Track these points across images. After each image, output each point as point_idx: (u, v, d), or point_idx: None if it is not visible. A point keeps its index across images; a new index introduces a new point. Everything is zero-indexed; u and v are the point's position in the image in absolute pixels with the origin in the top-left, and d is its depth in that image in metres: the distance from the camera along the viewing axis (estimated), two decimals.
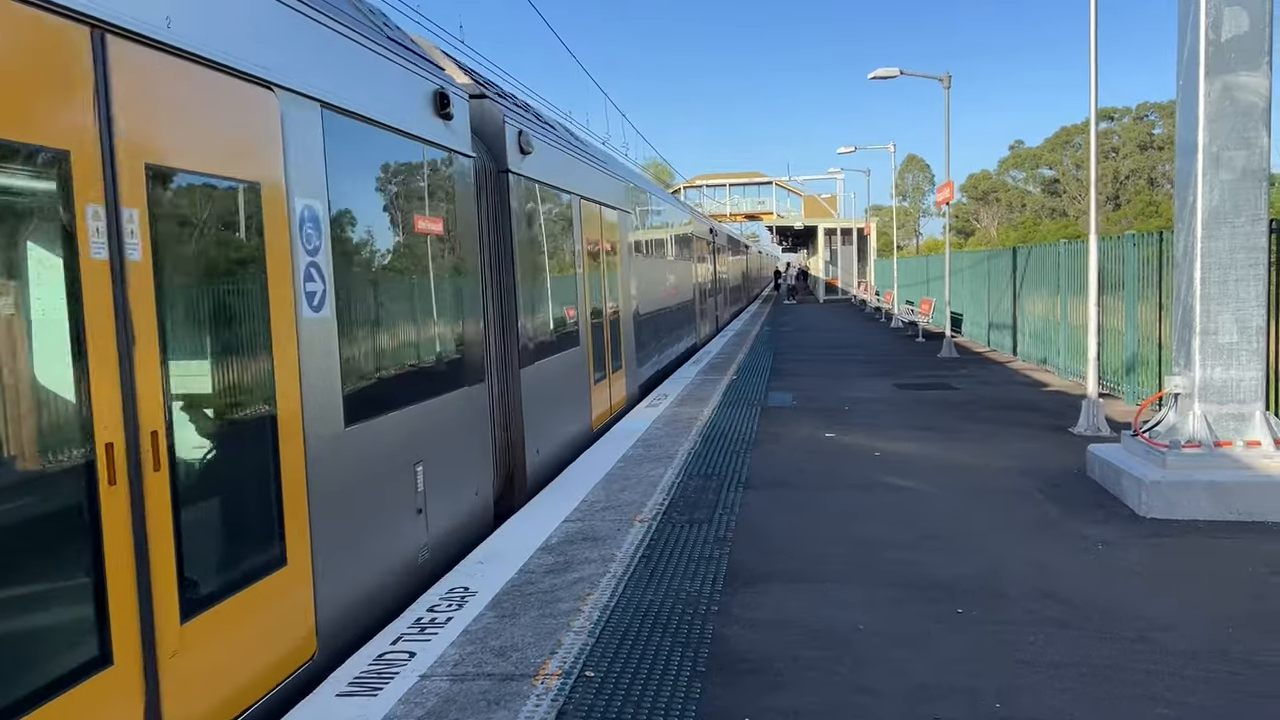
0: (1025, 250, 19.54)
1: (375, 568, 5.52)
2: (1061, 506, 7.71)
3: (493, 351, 7.97)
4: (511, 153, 8.42)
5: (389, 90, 5.94)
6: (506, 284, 8.34)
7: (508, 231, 8.32)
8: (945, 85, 21.57)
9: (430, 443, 6.33)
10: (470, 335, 7.16)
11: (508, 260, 8.33)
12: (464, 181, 7.15)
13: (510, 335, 8.38)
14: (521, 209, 8.65)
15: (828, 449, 10.38)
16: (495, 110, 8.41)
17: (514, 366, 8.41)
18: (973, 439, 10.79)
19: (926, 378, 16.69)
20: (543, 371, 9.17)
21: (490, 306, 7.97)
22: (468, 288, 7.17)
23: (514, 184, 8.45)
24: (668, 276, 19.03)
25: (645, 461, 9.70)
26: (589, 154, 12.51)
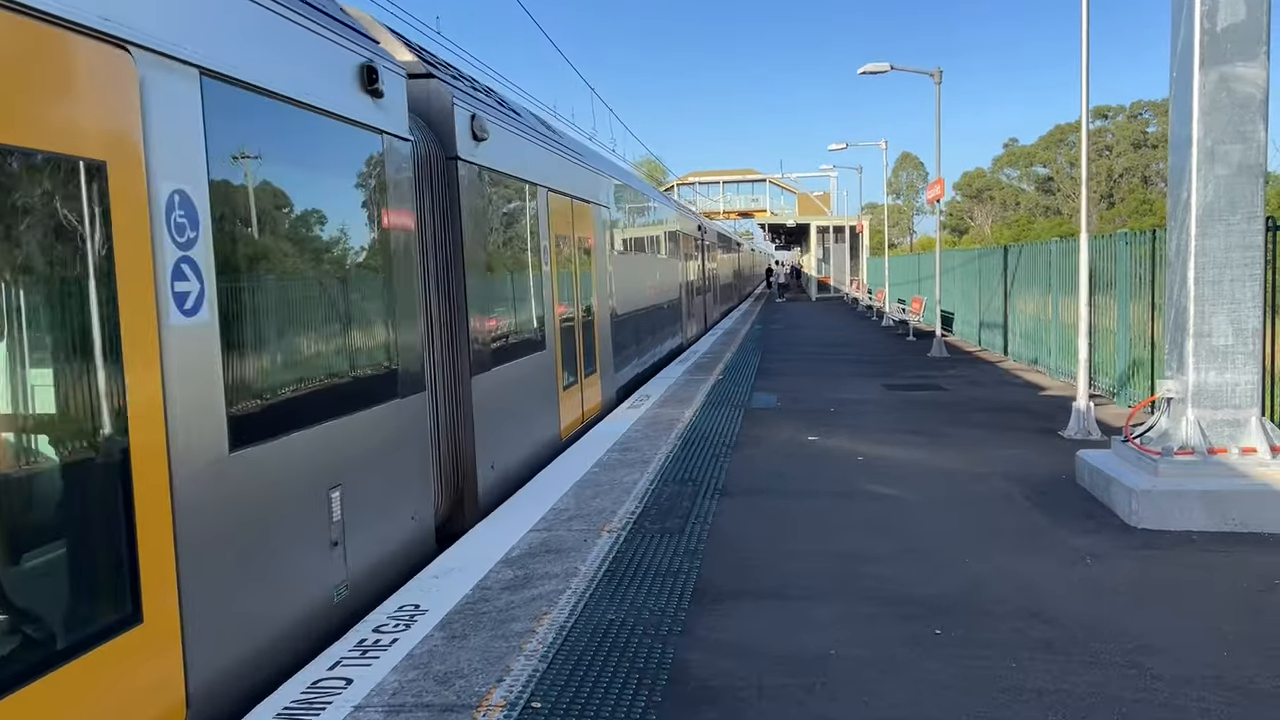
0: (1017, 249, 19.25)
1: (271, 615, 4.74)
2: (1049, 515, 7.40)
3: (436, 358, 7.31)
4: (462, 138, 7.71)
5: (298, 59, 5.15)
6: (455, 283, 7.62)
7: (457, 225, 7.59)
8: (936, 80, 21.26)
9: (351, 464, 5.58)
10: (405, 340, 6.40)
11: (456, 257, 7.62)
12: (398, 167, 6.39)
13: (459, 339, 7.67)
14: (474, 200, 7.92)
15: (809, 453, 10.06)
16: (443, 91, 7.67)
17: (464, 374, 7.70)
18: (960, 443, 10.47)
19: (915, 378, 16.38)
20: (500, 379, 8.47)
21: (434, 308, 7.30)
22: (401, 287, 6.38)
23: (464, 172, 7.73)
24: (651, 275, 18.49)
25: (621, 466, 9.37)
26: (561, 145, 11.85)
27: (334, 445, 5.40)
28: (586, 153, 14.05)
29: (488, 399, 8.06)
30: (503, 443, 8.50)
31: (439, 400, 7.34)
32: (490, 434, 8.13)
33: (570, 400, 11.17)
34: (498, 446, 8.34)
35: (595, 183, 13.28)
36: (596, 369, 12.67)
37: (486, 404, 8.02)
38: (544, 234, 10.16)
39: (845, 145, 34.29)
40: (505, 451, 8.58)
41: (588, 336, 12.20)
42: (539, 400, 9.89)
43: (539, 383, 9.88)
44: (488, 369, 8.12)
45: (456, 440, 7.68)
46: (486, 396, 8.03)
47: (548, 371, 10.21)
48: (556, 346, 10.48)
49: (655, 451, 10.09)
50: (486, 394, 8.04)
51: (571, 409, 11.21)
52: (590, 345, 12.32)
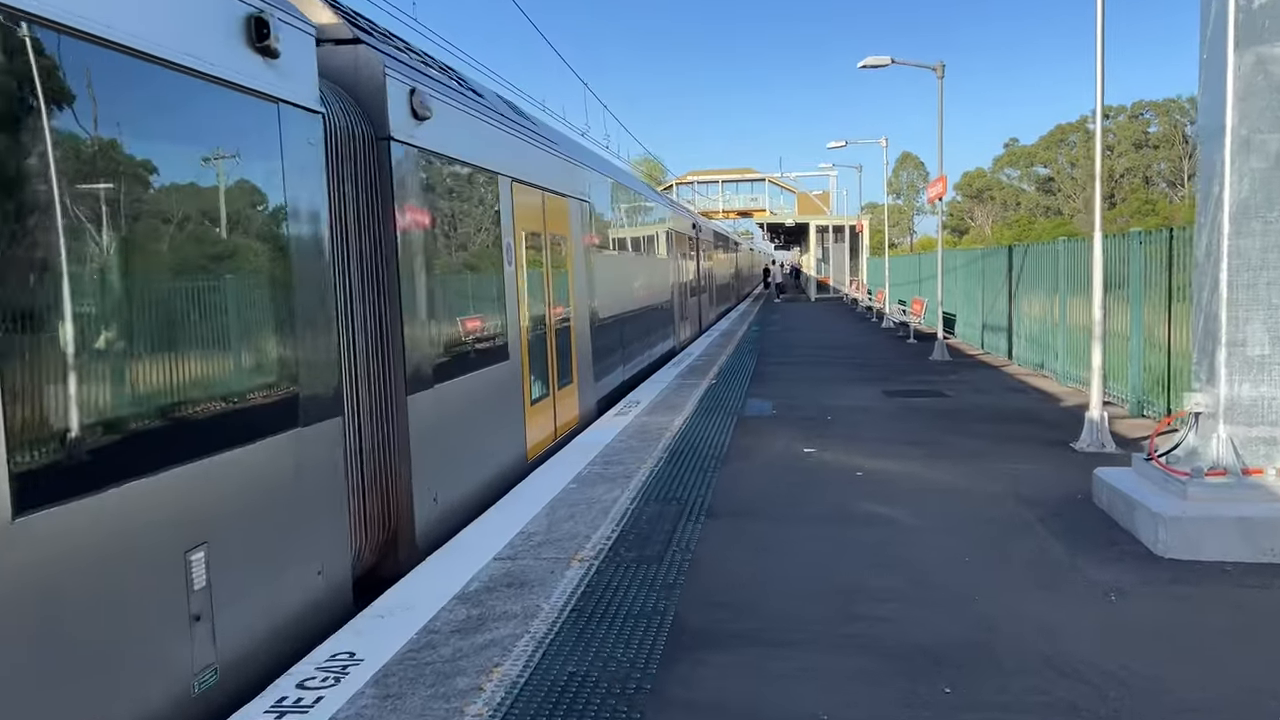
0: (1022, 248, 18.57)
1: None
2: (1066, 543, 6.72)
3: (360, 375, 6.27)
4: (397, 116, 6.65)
5: (145, 1, 4.11)
6: (386, 286, 6.55)
7: (390, 217, 6.53)
8: (939, 75, 20.57)
9: (223, 515, 4.52)
10: (310, 356, 5.29)
11: (389, 255, 6.55)
12: (301, 145, 5.29)
13: (392, 352, 6.61)
14: (412, 188, 6.86)
15: (804, 467, 9.37)
16: (373, 60, 6.57)
17: (397, 393, 6.64)
18: (965, 456, 9.79)
19: (916, 383, 15.70)
20: (447, 396, 7.39)
21: (356, 316, 6.23)
22: (303, 291, 5.23)
23: (400, 156, 6.66)
24: (640, 275, 17.58)
25: (601, 482, 8.69)
26: (533, 132, 10.82)
27: (194, 494, 4.30)
28: (564, 142, 13.01)
29: (429, 420, 7.02)
30: (450, 470, 7.46)
31: (363, 425, 6.29)
32: (433, 461, 7.07)
33: (540, 416, 10.19)
34: (443, 475, 7.29)
35: (573, 175, 12.25)
36: (573, 379, 11.69)
37: (428, 426, 6.98)
38: (508, 230, 9.16)
39: (845, 143, 33.58)
40: (453, 480, 7.52)
41: (563, 344, 11.21)
42: (500, 418, 8.85)
43: (500, 398, 8.84)
44: (429, 385, 7.07)
45: (388, 471, 6.59)
46: (428, 417, 6.99)
47: (511, 385, 9.20)
48: (523, 356, 9.49)
49: (639, 465, 9.41)
50: (428, 414, 6.99)
51: (541, 426, 10.22)
52: (565, 353, 11.34)
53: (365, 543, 6.27)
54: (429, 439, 7.00)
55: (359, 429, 6.23)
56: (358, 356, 6.25)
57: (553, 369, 10.58)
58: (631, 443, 10.58)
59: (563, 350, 11.17)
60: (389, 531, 6.62)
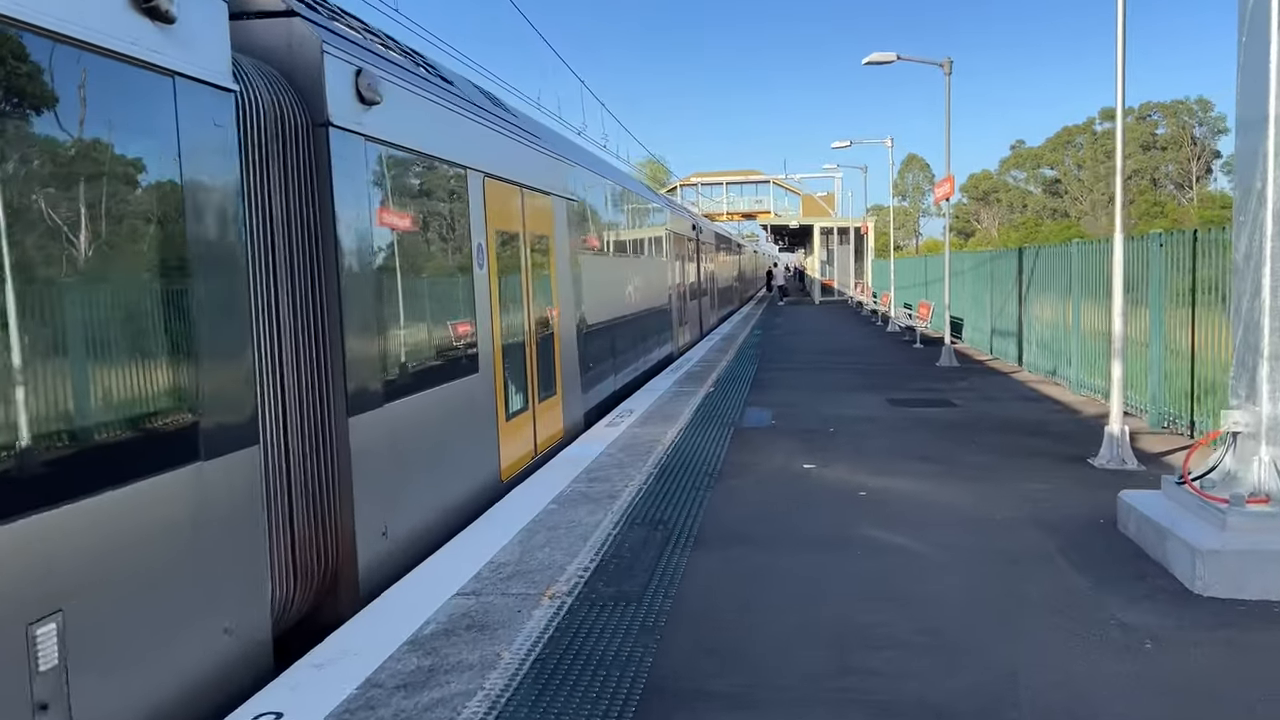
0: (1033, 250, 17.90)
1: None
2: (1090, 577, 6.07)
3: (286, 396, 5.44)
4: (338, 99, 5.84)
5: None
6: (323, 293, 5.72)
7: (328, 213, 5.73)
8: (946, 71, 19.92)
9: (84, 576, 3.68)
10: (213, 376, 4.47)
11: (327, 257, 5.73)
12: (201, 126, 4.46)
13: (329, 368, 5.76)
14: (357, 181, 6.07)
15: (802, 486, 8.73)
16: (309, 36, 5.77)
17: (336, 414, 5.80)
18: (976, 473, 9.14)
19: (923, 392, 15.04)
20: (402, 415, 6.61)
21: (283, 327, 5.40)
22: (203, 296, 4.41)
23: (341, 145, 5.86)
24: (635, 279, 16.83)
25: (583, 502, 8.06)
26: (511, 124, 10.03)
27: (43, 552, 3.49)
28: (550, 138, 12.17)
29: (378, 443, 6.22)
30: (406, 498, 6.65)
31: (291, 453, 5.47)
32: (382, 489, 6.27)
33: (517, 432, 9.38)
34: (396, 504, 6.48)
35: (559, 172, 11.44)
36: (557, 390, 10.93)
37: (376, 450, 6.19)
38: (478, 230, 8.37)
39: (849, 142, 32.91)
40: (410, 509, 6.72)
41: (544, 353, 10.44)
42: (469, 436, 7.99)
43: (469, 415, 7.97)
44: (377, 405, 6.25)
45: (324, 505, 5.75)
46: (376, 440, 6.19)
47: (483, 399, 8.33)
48: (496, 368, 8.70)
49: (626, 483, 8.77)
50: (376, 437, 6.19)
51: (518, 443, 9.39)
52: (548, 363, 10.59)
53: (294, 589, 5.50)
54: (377, 465, 6.24)
55: (285, 458, 5.44)
56: (285, 375, 5.47)
57: (533, 380, 9.87)
58: (620, 458, 9.95)
59: (544, 360, 10.44)
60: (328, 573, 5.85)
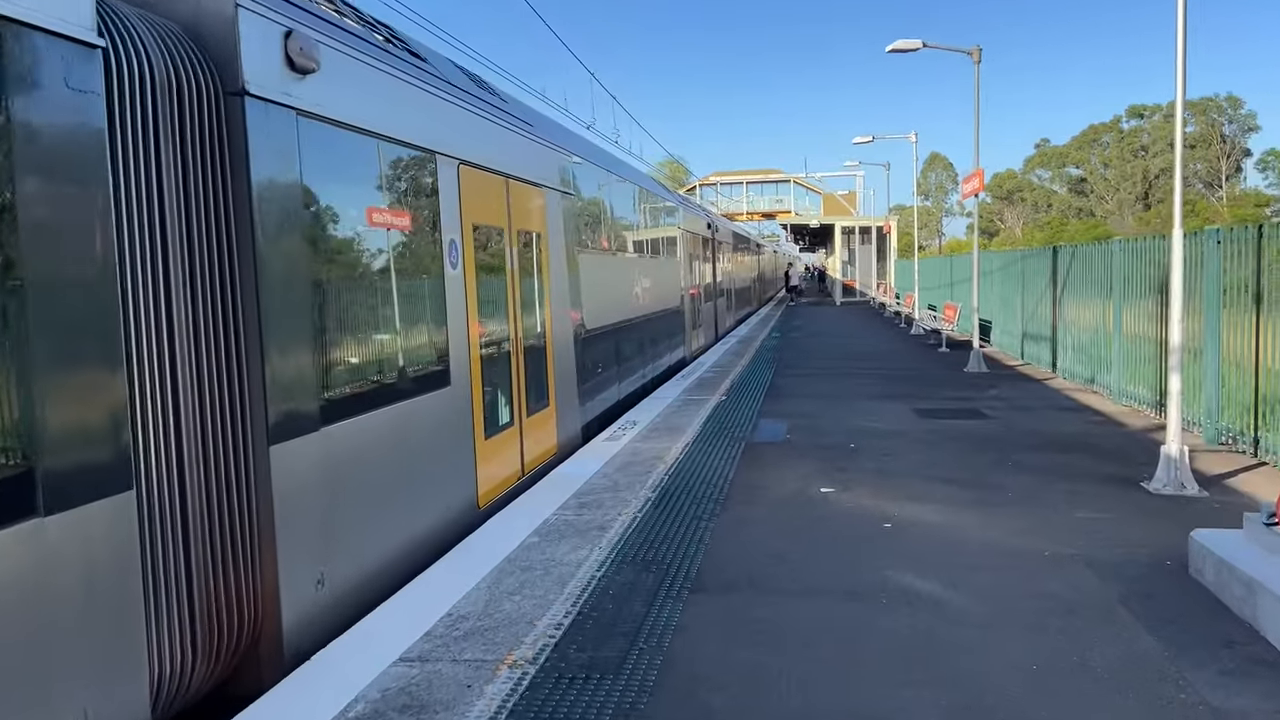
0: (1069, 249, 16.78)
1: None
2: (1164, 639, 5.03)
3: (182, 423, 4.46)
4: (259, 65, 4.88)
5: None
6: (237, 296, 4.80)
7: (244, 200, 4.80)
8: (975, 60, 18.82)
9: None
10: (59, 406, 3.62)
11: (243, 252, 4.79)
12: (50, 88, 3.61)
13: (244, 388, 4.82)
14: (285, 162, 5.10)
15: (820, 515, 7.71)
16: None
17: (254, 443, 4.84)
18: (1017, 499, 8.10)
19: (952, 400, 13.97)
20: (344, 440, 5.62)
21: (177, 339, 4.45)
22: (52, 305, 3.61)
23: (260, 117, 4.89)
24: (643, 279, 15.80)
25: (568, 535, 7.09)
26: (496, 108, 8.99)
27: None
28: (545, 125, 11.10)
29: (309, 476, 5.28)
30: (349, 539, 5.66)
31: (190, 495, 4.51)
32: (315, 531, 5.30)
33: (499, 452, 8.34)
34: (335, 547, 5.49)
35: (554, 163, 10.41)
36: (550, 402, 9.92)
37: (307, 485, 5.25)
38: (451, 224, 7.38)
39: (872, 138, 31.79)
40: (355, 551, 5.73)
41: (535, 361, 9.43)
42: (436, 460, 6.99)
43: (436, 435, 6.98)
44: (312, 428, 5.29)
45: (235, 554, 4.79)
46: (306, 473, 5.25)
47: (454, 416, 7.33)
48: (473, 380, 7.69)
49: (619, 510, 7.79)
50: (306, 469, 5.24)
51: (501, 463, 8.38)
52: (539, 373, 9.59)
53: (192, 659, 4.53)
54: (310, 502, 5.27)
55: (179, 502, 4.47)
56: (182, 399, 4.49)
57: (519, 392, 8.85)
58: (616, 478, 8.96)
59: (535, 370, 9.43)
60: (245, 635, 4.88)
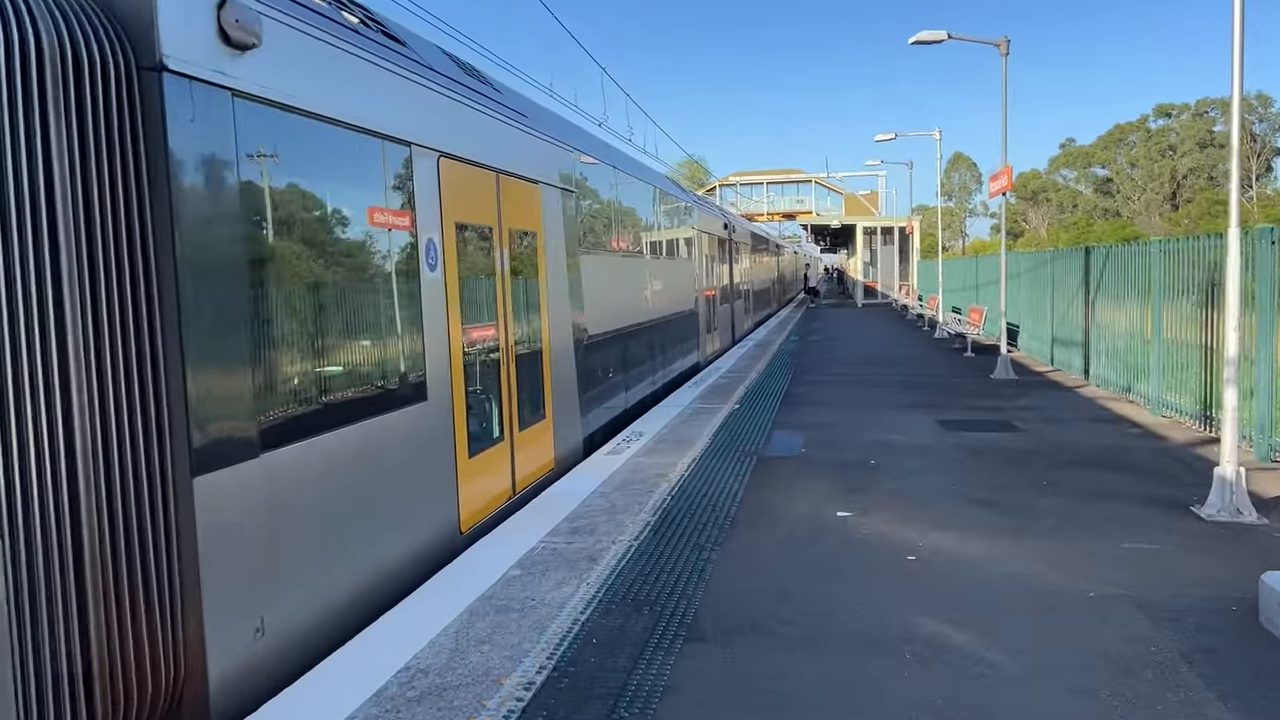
0: (1102, 250, 15.92)
1: None
2: (1239, 709, 4.26)
3: (76, 450, 3.83)
4: (182, 35, 4.21)
5: None
6: (152, 301, 4.11)
7: (163, 193, 4.12)
8: (1003, 52, 17.98)
9: None
10: None
11: (162, 250, 4.11)
12: None
13: (159, 409, 4.13)
14: (214, 147, 4.40)
15: (836, 544, 6.96)
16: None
17: (172, 472, 4.18)
18: (1054, 526, 7.32)
19: (979, 411, 13.16)
20: (291, 466, 4.92)
21: (69, 353, 3.83)
22: None
23: (183, 95, 4.21)
24: (654, 282, 15.06)
25: (554, 567, 6.38)
26: (487, 98, 8.21)
27: None
28: (542, 118, 10.32)
29: (245, 509, 4.59)
30: (297, 577, 4.96)
31: (85, 537, 3.84)
32: (253, 572, 4.62)
33: (486, 470, 7.59)
34: (279, 588, 4.81)
35: (552, 157, 9.66)
36: (547, 414, 9.19)
37: (242, 519, 4.57)
38: (430, 222, 6.67)
39: (894, 135, 30.87)
40: (304, 591, 5.01)
41: (530, 371, 8.71)
42: (407, 483, 6.24)
43: (408, 455, 6.25)
44: (247, 455, 4.59)
45: (146, 604, 4.11)
46: (241, 505, 4.56)
47: (431, 434, 6.61)
48: (455, 393, 6.97)
49: (615, 537, 7.08)
50: (241, 500, 4.56)
51: (486, 484, 7.62)
52: (534, 382, 8.87)
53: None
54: (248, 537, 4.59)
55: (70, 548, 3.80)
56: (78, 422, 3.83)
57: (509, 405, 8.13)
58: (614, 498, 8.25)
59: (530, 380, 8.71)
60: (161, 696, 4.16)
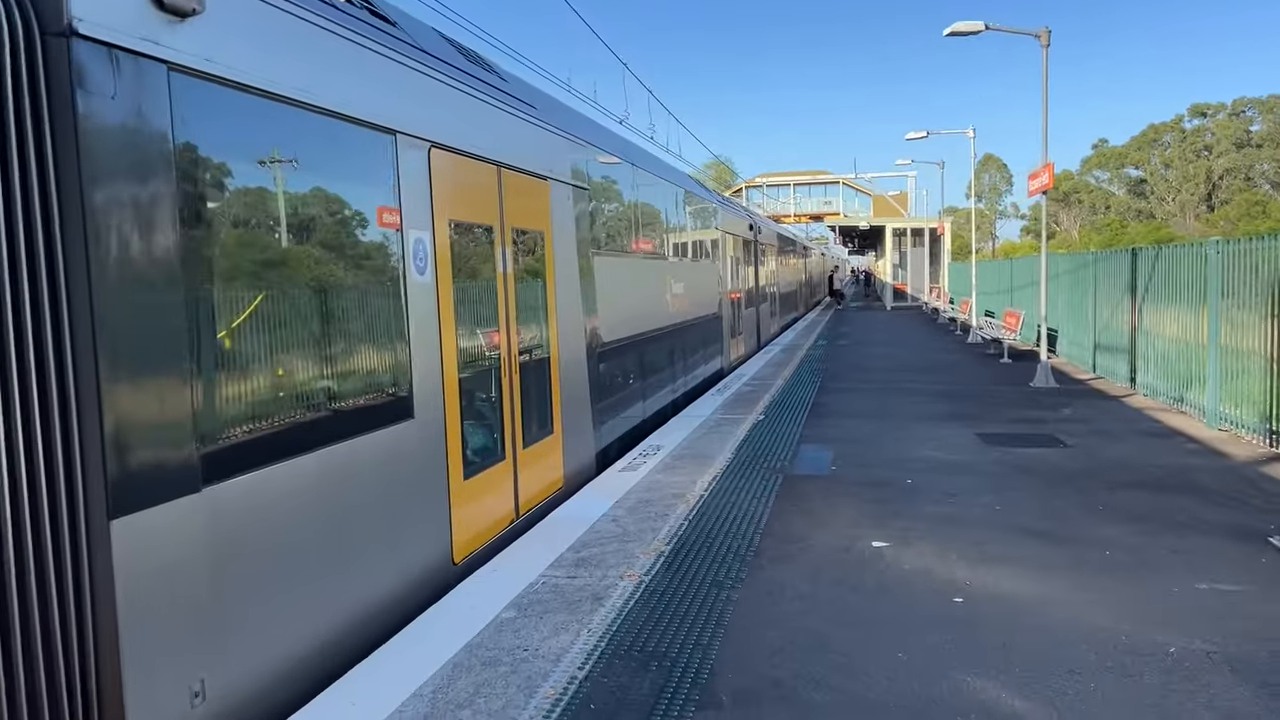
0: (1151, 251, 14.99)
1: None
2: None
3: None
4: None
5: None
6: (62, 308, 3.47)
7: (72, 174, 3.43)
8: (1044, 43, 17.08)
9: None
10: None
11: (73, 248, 3.47)
12: None
13: (65, 434, 3.45)
14: (139, 129, 3.73)
15: (871, 583, 6.18)
16: None
17: (85, 513, 3.49)
18: (1116, 561, 6.50)
19: (1021, 423, 12.30)
20: (237, 501, 4.21)
21: None
22: None
23: (101, 66, 3.54)
24: (674, 285, 14.28)
25: (554, 608, 5.65)
26: (488, 84, 7.48)
27: None
28: (553, 108, 9.55)
29: (182, 554, 3.88)
30: (246, 631, 4.27)
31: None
32: (192, 626, 3.94)
33: (482, 494, 6.84)
34: (222, 645, 4.11)
35: (561, 151, 8.90)
36: (555, 429, 8.43)
37: (176, 566, 3.85)
38: (419, 219, 5.96)
39: (926, 133, 29.91)
40: (252, 647, 4.31)
41: (535, 382, 7.98)
42: (390, 512, 5.53)
43: (391, 480, 5.54)
44: (186, 489, 3.90)
45: (50, 669, 3.41)
46: (175, 549, 3.85)
47: (419, 456, 5.88)
48: (447, 409, 6.24)
49: (624, 569, 6.34)
50: (174, 545, 3.84)
51: (485, 508, 6.89)
52: (541, 395, 8.13)
53: None
54: (183, 587, 3.87)
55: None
56: None
57: (514, 420, 7.38)
58: (626, 523, 7.51)
59: (535, 390, 8.00)
60: None
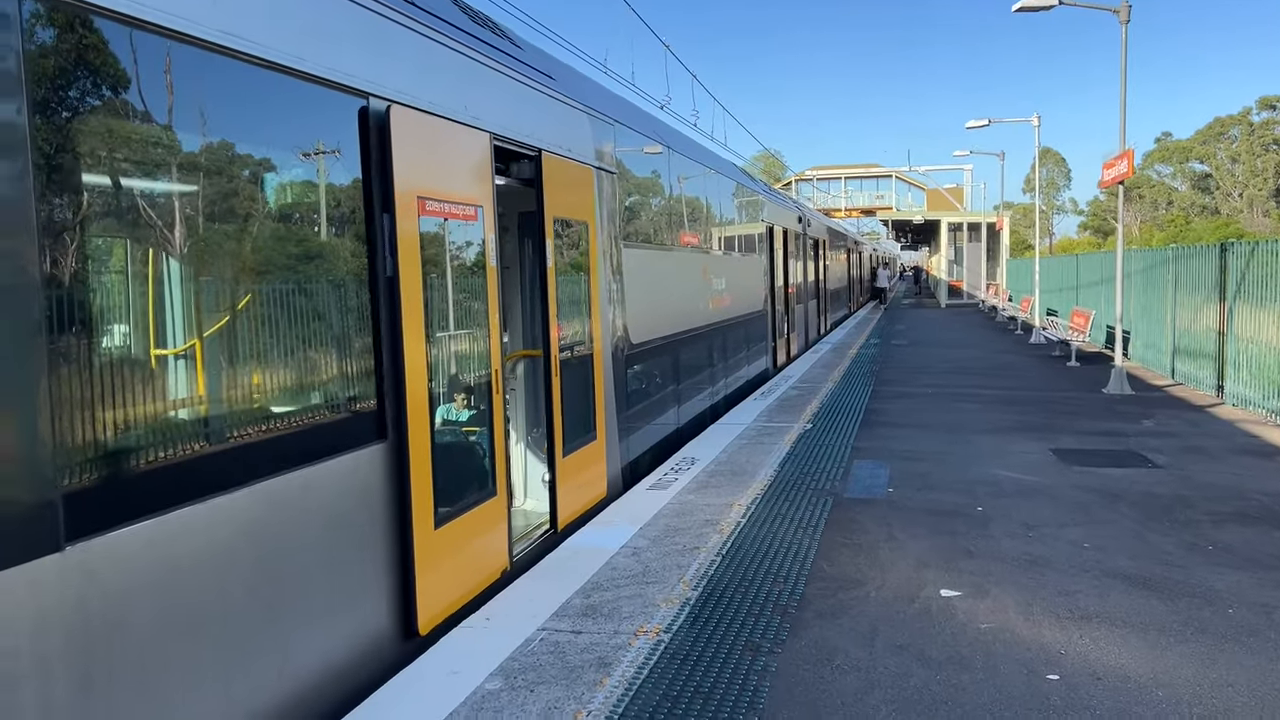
0: (1245, 247, 13.55)
1: None
2: None
3: None
4: None
5: None
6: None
7: None
8: (1122, 19, 15.64)
9: None
10: None
11: None
12: None
13: None
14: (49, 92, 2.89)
15: (944, 650, 5.04)
16: None
17: None
18: (1240, 624, 5.29)
19: (1099, 437, 11.01)
20: (114, 564, 3.15)
21: None
22: None
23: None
24: (715, 281, 13.07)
25: (549, 678, 4.60)
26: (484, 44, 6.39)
27: None
28: (576, 83, 8.42)
29: (27, 644, 2.85)
30: (178, 701, 3.37)
31: None
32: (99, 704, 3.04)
33: (464, 537, 5.54)
34: None
35: (584, 129, 7.82)
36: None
37: (17, 657, 2.81)
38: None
39: (988, 121, 28.32)
40: None
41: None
42: (334, 567, 4.38)
43: (329, 529, 4.34)
44: (44, 548, 2.89)
45: None
46: (20, 627, 2.83)
47: (371, 495, 4.67)
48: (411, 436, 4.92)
49: (642, 622, 5.27)
50: (14, 629, 2.81)
51: (467, 556, 5.56)
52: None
53: None
54: (33, 674, 2.84)
55: None
56: None
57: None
58: (648, 557, 6.44)
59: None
60: None
